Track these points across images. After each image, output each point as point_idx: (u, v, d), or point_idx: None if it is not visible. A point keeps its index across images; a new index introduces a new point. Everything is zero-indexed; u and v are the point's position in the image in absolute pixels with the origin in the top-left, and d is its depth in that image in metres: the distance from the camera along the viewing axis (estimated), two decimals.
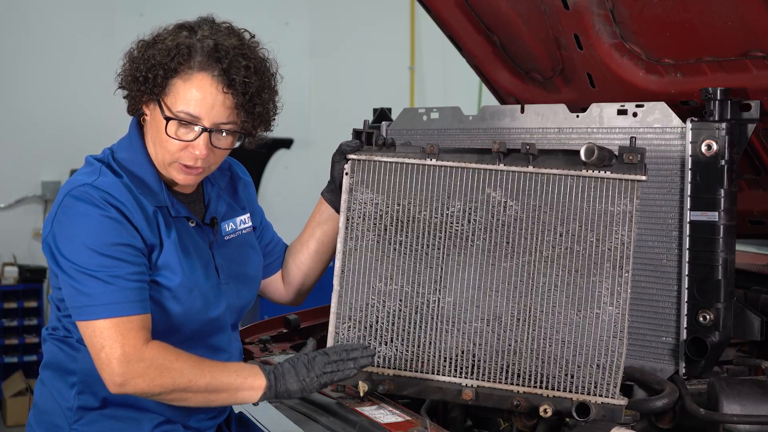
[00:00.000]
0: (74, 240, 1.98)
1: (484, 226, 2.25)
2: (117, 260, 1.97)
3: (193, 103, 2.03)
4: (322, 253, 2.46)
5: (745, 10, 2.36)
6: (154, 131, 2.09)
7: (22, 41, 6.92)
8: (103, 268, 1.96)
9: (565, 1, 2.75)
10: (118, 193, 2.02)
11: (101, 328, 1.95)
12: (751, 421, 2.23)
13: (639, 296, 2.46)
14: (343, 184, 2.35)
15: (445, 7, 3.17)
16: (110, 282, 1.96)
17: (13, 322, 6.69)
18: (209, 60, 2.03)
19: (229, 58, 2.04)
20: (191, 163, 2.07)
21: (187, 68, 2.03)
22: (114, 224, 1.98)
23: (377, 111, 3.01)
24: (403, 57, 7.65)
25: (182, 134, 2.05)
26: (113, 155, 2.12)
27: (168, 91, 2.04)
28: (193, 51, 2.03)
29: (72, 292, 1.98)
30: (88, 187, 2.01)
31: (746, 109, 2.45)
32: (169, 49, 2.03)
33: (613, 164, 2.17)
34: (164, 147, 2.07)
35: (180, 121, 2.04)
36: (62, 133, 7.00)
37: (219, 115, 2.05)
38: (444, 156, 2.29)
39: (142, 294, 2.00)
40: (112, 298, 1.95)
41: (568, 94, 3.07)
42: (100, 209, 1.98)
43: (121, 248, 1.98)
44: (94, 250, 1.96)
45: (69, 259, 1.98)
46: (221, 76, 2.03)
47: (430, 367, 2.27)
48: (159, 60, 2.03)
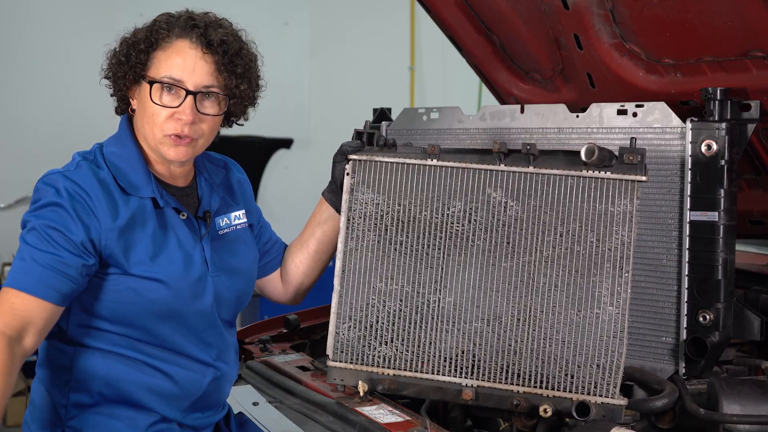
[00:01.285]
0: (27, 218, 2.06)
1: (484, 227, 2.25)
2: (47, 241, 2.00)
3: (175, 67, 2.09)
4: (321, 253, 2.46)
5: (745, 10, 2.36)
6: (142, 112, 2.12)
7: (22, 41, 6.92)
8: (29, 245, 2.01)
9: (565, 1, 2.75)
10: (84, 183, 2.05)
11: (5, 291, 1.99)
12: (751, 421, 2.23)
13: (639, 296, 2.46)
14: (344, 184, 2.35)
15: (445, 7, 3.17)
16: (29, 254, 2.00)
17: None
18: (186, 27, 2.11)
19: (205, 23, 2.12)
20: (179, 131, 2.10)
21: (166, 39, 2.10)
22: (61, 211, 2.02)
23: (377, 111, 3.01)
24: (403, 57, 7.65)
25: (168, 101, 2.09)
26: (101, 149, 2.15)
27: (150, 64, 2.10)
28: (170, 24, 2.11)
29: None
30: (58, 175, 2.07)
31: (746, 109, 2.45)
32: (147, 28, 2.12)
33: (614, 165, 2.17)
34: (153, 122, 2.10)
35: (164, 86, 2.08)
36: (62, 133, 6.99)
37: (201, 77, 2.10)
38: (445, 156, 2.29)
39: (52, 280, 1.99)
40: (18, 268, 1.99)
41: (568, 94, 3.07)
42: (55, 196, 2.03)
43: (57, 234, 2.00)
44: (35, 228, 2.01)
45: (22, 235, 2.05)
46: (199, 38, 2.10)
47: (430, 367, 2.27)
48: (140, 38, 2.11)
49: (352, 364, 2.32)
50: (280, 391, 2.55)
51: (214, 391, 2.22)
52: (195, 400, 2.18)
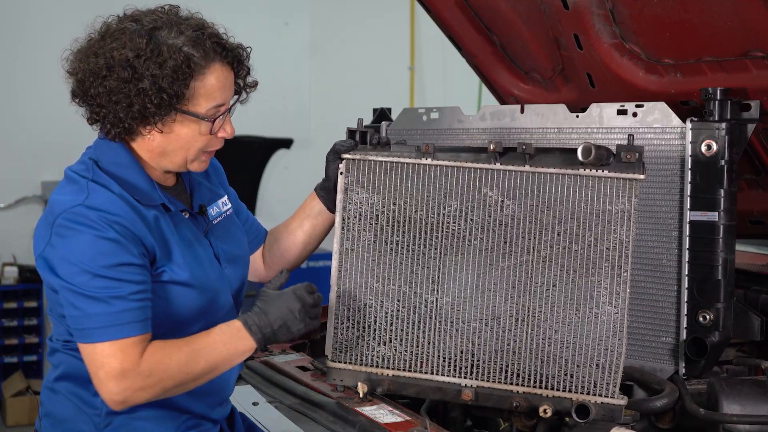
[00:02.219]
0: (73, 264, 1.94)
1: (481, 226, 2.25)
2: (117, 281, 1.94)
3: (218, 94, 2.05)
4: (308, 244, 2.46)
5: (745, 10, 2.36)
6: (173, 142, 2.06)
7: (22, 41, 6.92)
8: (104, 290, 1.94)
9: (565, 1, 2.75)
10: (113, 208, 1.99)
11: (101, 348, 1.94)
12: (751, 421, 2.23)
13: (639, 296, 2.46)
14: (339, 183, 2.35)
15: (445, 7, 3.17)
16: (111, 303, 1.94)
17: (13, 322, 6.68)
18: (211, 50, 2.04)
19: (218, 36, 2.07)
20: (219, 146, 2.12)
21: (198, 70, 2.01)
22: (112, 245, 1.95)
23: (377, 111, 3.01)
24: (403, 57, 7.65)
25: (215, 127, 2.07)
26: (97, 164, 2.07)
27: (187, 97, 2.02)
28: (192, 51, 2.02)
29: (73, 313, 1.96)
30: (81, 208, 1.97)
31: (746, 109, 2.44)
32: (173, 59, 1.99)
33: (611, 163, 2.17)
34: (190, 149, 2.07)
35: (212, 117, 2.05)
36: (62, 133, 6.97)
37: (231, 91, 2.10)
38: (439, 155, 2.28)
39: (144, 313, 1.97)
40: (113, 320, 1.93)
41: (568, 94, 3.07)
42: (95, 230, 1.95)
43: (121, 269, 1.95)
44: (93, 273, 1.93)
45: (69, 281, 1.95)
46: (226, 57, 2.06)
47: (430, 367, 2.27)
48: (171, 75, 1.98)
49: (351, 364, 2.31)
50: (280, 391, 2.55)
51: (232, 382, 2.27)
52: (221, 393, 2.21)
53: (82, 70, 2.07)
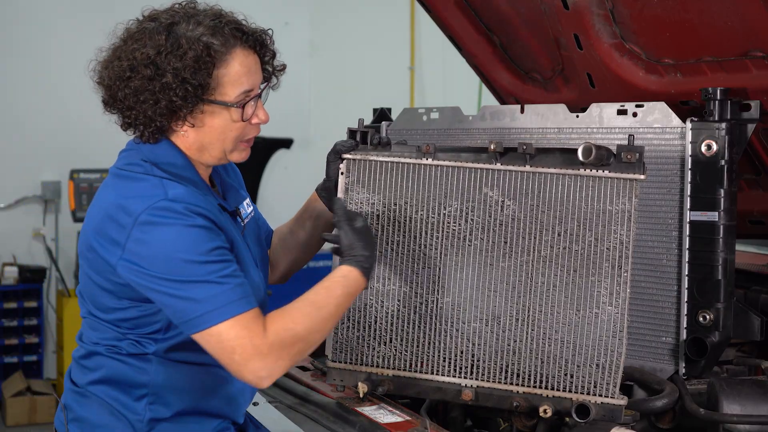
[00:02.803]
0: (170, 257, 1.91)
1: (481, 226, 2.25)
2: (221, 262, 1.93)
3: (244, 79, 2.04)
4: (311, 245, 2.45)
5: (745, 10, 2.36)
6: (208, 135, 2.06)
7: (22, 41, 6.92)
8: (213, 273, 1.92)
9: (565, 1, 2.75)
10: (195, 200, 1.98)
11: (226, 331, 1.91)
12: (751, 421, 2.23)
13: (639, 296, 2.46)
14: (339, 183, 2.35)
15: (445, 7, 3.17)
16: (223, 282, 1.92)
17: (13, 322, 6.69)
18: (229, 36, 2.03)
19: (236, 22, 2.06)
20: (256, 132, 2.12)
21: (219, 57, 2.01)
22: (203, 231, 1.94)
23: (377, 111, 3.01)
24: (403, 57, 7.65)
25: (247, 114, 2.06)
26: (157, 166, 2.03)
27: (213, 87, 2.01)
28: (211, 39, 2.02)
29: (181, 305, 1.91)
30: (165, 202, 1.94)
31: (746, 109, 2.44)
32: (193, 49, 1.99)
33: (611, 163, 2.17)
34: (226, 139, 2.07)
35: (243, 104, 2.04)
36: (62, 133, 7.00)
37: (259, 77, 2.09)
38: (440, 155, 2.28)
39: (248, 289, 1.97)
40: (229, 297, 1.91)
41: (568, 94, 3.07)
42: (184, 220, 1.92)
43: (219, 251, 1.94)
44: (196, 261, 1.91)
45: (169, 275, 1.91)
46: (247, 41, 2.06)
47: (430, 367, 2.27)
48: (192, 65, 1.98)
49: (351, 364, 2.32)
50: (280, 391, 2.55)
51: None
52: (247, 396, 2.21)
53: (108, 76, 2.06)
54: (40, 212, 7.04)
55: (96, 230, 2.00)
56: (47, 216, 7.03)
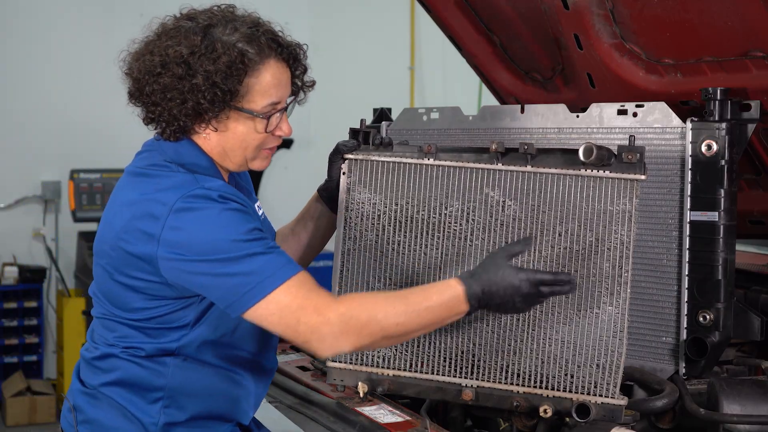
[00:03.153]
0: (211, 238, 1.90)
1: (482, 226, 2.25)
2: (260, 240, 1.93)
3: (273, 91, 2.04)
4: (312, 246, 2.45)
5: (745, 10, 2.36)
6: (230, 140, 2.05)
7: (22, 41, 6.92)
8: (260, 245, 1.91)
9: (565, 1, 2.75)
10: (228, 190, 1.98)
11: (283, 297, 1.89)
12: (751, 421, 2.23)
13: (639, 296, 2.46)
14: (341, 183, 2.35)
15: (445, 7, 3.17)
16: (270, 251, 1.92)
17: (13, 322, 6.69)
18: (265, 46, 2.03)
19: (273, 33, 2.06)
20: (278, 143, 2.12)
21: (252, 66, 2.00)
22: (240, 214, 1.94)
23: (377, 111, 3.01)
24: (403, 57, 7.65)
25: (271, 125, 2.06)
26: (183, 167, 2.02)
27: (242, 93, 2.00)
28: (247, 47, 2.00)
29: (232, 282, 1.90)
30: (201, 190, 1.94)
31: (746, 109, 2.44)
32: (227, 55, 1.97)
33: (612, 163, 2.17)
34: (248, 147, 2.06)
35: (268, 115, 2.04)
36: (62, 133, 7.00)
37: (288, 90, 2.10)
38: (442, 155, 2.29)
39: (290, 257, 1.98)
40: (277, 263, 1.91)
41: (568, 94, 3.07)
42: (222, 204, 1.93)
43: (256, 232, 1.94)
44: (237, 239, 1.90)
45: (214, 257, 1.89)
46: (282, 54, 2.06)
47: (430, 367, 2.27)
48: (225, 70, 1.97)
49: (351, 364, 2.31)
50: (280, 391, 2.55)
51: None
52: (260, 400, 2.23)
53: (137, 69, 2.04)
54: (40, 212, 7.05)
55: (123, 228, 1.98)
56: (47, 216, 7.04)
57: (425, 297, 2.00)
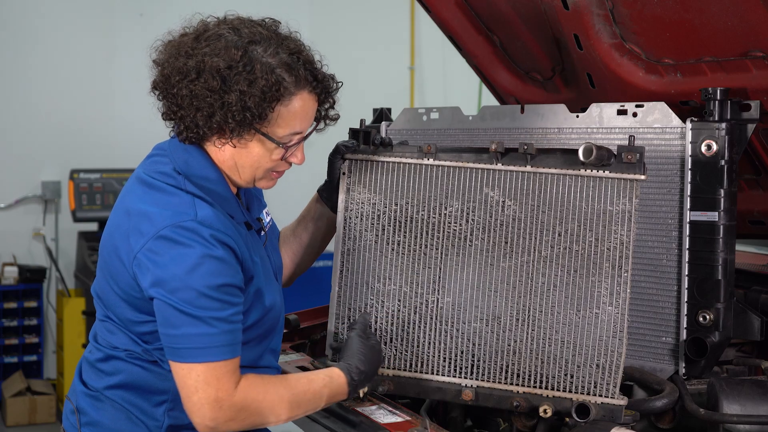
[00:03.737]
0: (178, 279, 1.88)
1: (482, 226, 2.25)
2: (221, 302, 1.91)
3: (298, 122, 2.02)
4: (313, 247, 2.45)
5: (745, 10, 2.36)
6: (244, 157, 2.03)
7: (22, 41, 6.92)
8: (207, 310, 1.89)
9: (565, 1, 2.75)
10: (222, 226, 1.95)
11: (197, 371, 1.90)
12: (751, 421, 2.23)
13: (639, 296, 2.46)
14: (341, 184, 2.35)
15: (445, 7, 3.17)
16: (212, 325, 1.90)
17: (13, 322, 6.69)
18: (303, 78, 2.00)
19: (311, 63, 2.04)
20: (288, 168, 2.11)
21: (286, 95, 1.98)
22: (220, 264, 1.91)
23: (377, 111, 3.01)
24: (403, 57, 7.65)
25: (287, 152, 2.06)
26: (189, 179, 2.00)
27: (270, 118, 1.98)
28: (285, 74, 1.98)
29: (170, 331, 1.91)
30: (193, 224, 1.91)
31: (746, 109, 2.44)
32: (265, 80, 1.95)
33: (612, 163, 2.17)
34: (258, 167, 2.05)
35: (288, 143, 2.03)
36: (62, 133, 7.00)
37: (311, 120, 2.08)
38: (441, 156, 2.29)
39: (237, 336, 1.95)
40: (210, 341, 1.90)
41: (568, 94, 3.07)
42: (206, 248, 1.90)
43: (226, 289, 1.91)
44: (199, 291, 1.88)
45: (171, 296, 1.89)
46: (316, 88, 2.04)
47: (430, 367, 2.27)
48: (259, 96, 1.94)
49: None
50: None
51: None
52: None
53: (170, 65, 2.00)
54: (40, 212, 7.04)
55: (119, 237, 1.98)
56: (47, 216, 7.03)
57: (311, 389, 2.04)
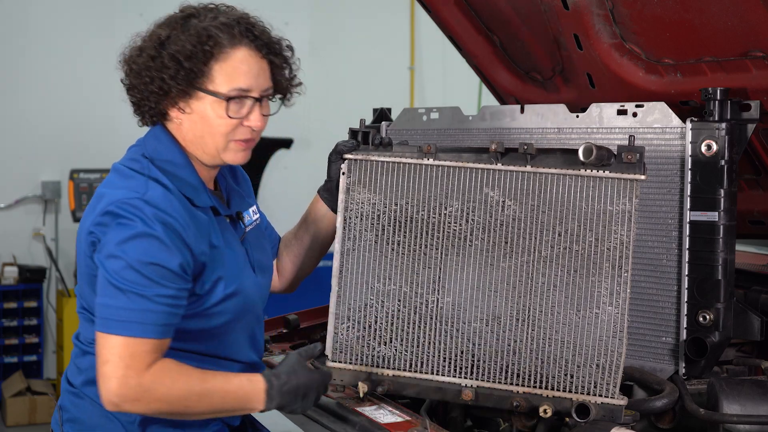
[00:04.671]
0: (113, 252, 1.93)
1: (482, 226, 2.25)
2: (147, 279, 1.92)
3: (241, 78, 2.04)
4: (315, 249, 2.46)
5: (745, 10, 2.36)
6: (198, 125, 2.06)
7: (22, 41, 6.92)
8: (130, 284, 1.92)
9: (565, 1, 2.75)
10: (170, 207, 1.98)
11: (112, 343, 1.92)
12: (751, 421, 2.23)
13: (639, 296, 2.46)
14: (340, 183, 2.35)
15: (445, 7, 3.17)
16: (132, 299, 1.92)
17: (13, 322, 6.69)
18: (238, 34, 2.05)
19: (253, 25, 2.08)
20: (248, 136, 2.09)
21: (219, 49, 2.02)
22: (155, 243, 1.93)
23: (377, 111, 3.01)
24: (403, 57, 7.65)
25: (235, 110, 2.05)
26: (153, 162, 2.06)
27: (208, 77, 2.03)
28: (218, 31, 2.03)
29: (101, 300, 1.95)
30: (138, 201, 1.96)
31: (746, 109, 2.44)
32: (197, 36, 2.02)
33: (612, 163, 2.17)
34: (215, 134, 2.06)
35: (233, 100, 2.04)
36: (62, 133, 7.00)
37: (263, 81, 2.09)
38: (441, 155, 2.29)
39: (164, 319, 1.95)
40: (129, 316, 1.92)
41: (568, 94, 3.07)
42: (146, 225, 1.93)
43: (155, 268, 1.93)
44: (127, 264, 1.92)
45: (106, 267, 1.94)
46: (256, 43, 2.06)
47: (430, 367, 2.27)
48: (188, 48, 2.01)
49: (351, 364, 2.31)
50: None
51: None
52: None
53: (125, 57, 2.11)
54: (40, 212, 7.04)
55: (90, 221, 2.03)
56: (47, 216, 7.03)
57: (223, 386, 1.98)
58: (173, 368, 1.95)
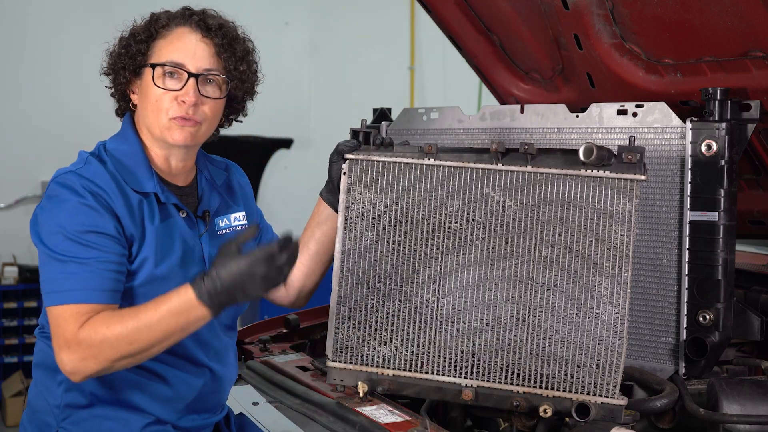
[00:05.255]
0: (51, 225, 2.00)
1: (482, 226, 2.25)
2: (84, 246, 1.98)
3: (176, 51, 2.13)
4: (322, 254, 2.45)
5: (745, 10, 2.36)
6: (145, 100, 2.15)
7: (22, 42, 6.92)
8: (71, 255, 1.97)
9: (565, 1, 2.75)
10: (100, 180, 2.05)
11: (58, 313, 1.96)
12: (751, 421, 2.23)
13: (639, 296, 2.46)
14: (341, 184, 2.35)
15: (445, 7, 3.17)
16: (70, 267, 1.96)
17: (13, 322, 6.69)
18: (183, 16, 2.17)
19: (202, 10, 2.19)
20: (184, 113, 2.12)
21: (165, 27, 2.15)
22: (89, 211, 2.00)
23: (377, 111, 3.01)
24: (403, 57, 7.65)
25: (170, 84, 2.12)
26: (104, 147, 2.17)
27: (151, 53, 2.15)
28: (168, 15, 2.18)
29: (42, 276, 2.01)
30: (71, 174, 2.05)
31: (746, 109, 2.45)
32: (146, 22, 2.18)
33: (612, 164, 2.17)
34: (157, 108, 2.12)
35: (165, 71, 2.12)
36: (62, 133, 7.00)
37: (202, 60, 2.14)
38: (442, 156, 2.29)
39: (106, 284, 1.98)
40: (69, 284, 1.96)
41: (568, 94, 3.07)
42: (78, 196, 2.01)
43: (91, 236, 1.99)
44: (65, 235, 1.98)
45: (45, 243, 2.00)
46: (198, 24, 2.16)
47: (430, 367, 2.27)
48: (138, 30, 2.16)
49: (351, 364, 2.32)
50: (280, 391, 2.55)
51: (211, 393, 2.21)
52: (189, 402, 2.17)
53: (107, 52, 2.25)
54: None
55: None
56: None
57: (155, 310, 1.95)
58: (103, 316, 1.96)
